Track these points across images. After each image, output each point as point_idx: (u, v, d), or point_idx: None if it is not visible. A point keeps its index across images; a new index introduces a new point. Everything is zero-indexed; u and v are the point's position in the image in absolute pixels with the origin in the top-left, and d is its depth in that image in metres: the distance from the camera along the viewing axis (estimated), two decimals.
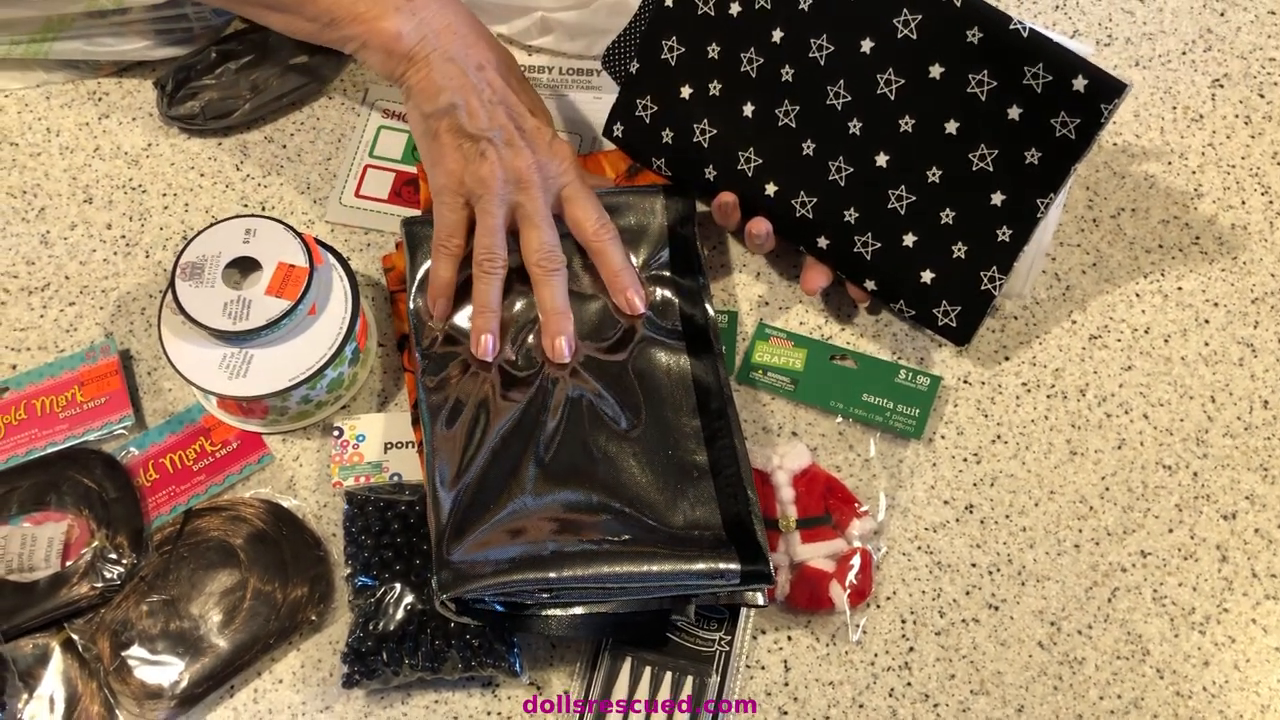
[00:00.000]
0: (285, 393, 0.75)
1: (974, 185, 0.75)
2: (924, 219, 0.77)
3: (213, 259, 0.76)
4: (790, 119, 0.78)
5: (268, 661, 0.74)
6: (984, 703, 0.74)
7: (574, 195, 0.78)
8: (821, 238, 0.79)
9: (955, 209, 0.76)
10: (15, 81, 0.93)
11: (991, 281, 0.76)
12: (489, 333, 0.76)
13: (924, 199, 0.76)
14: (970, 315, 0.78)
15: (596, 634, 0.73)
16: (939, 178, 0.76)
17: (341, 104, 0.92)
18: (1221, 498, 0.79)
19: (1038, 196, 0.74)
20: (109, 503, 0.76)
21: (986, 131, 0.74)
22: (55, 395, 0.81)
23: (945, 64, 0.74)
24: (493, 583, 0.67)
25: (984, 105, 0.74)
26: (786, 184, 0.79)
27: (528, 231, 0.77)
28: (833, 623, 0.76)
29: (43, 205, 0.88)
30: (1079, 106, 0.71)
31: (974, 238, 0.76)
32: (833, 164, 0.78)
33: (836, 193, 0.78)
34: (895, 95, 0.75)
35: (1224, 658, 0.75)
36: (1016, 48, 0.72)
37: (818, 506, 0.77)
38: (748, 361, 0.83)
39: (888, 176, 0.77)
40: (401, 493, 0.77)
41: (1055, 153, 0.73)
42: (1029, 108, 0.73)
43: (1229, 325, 0.85)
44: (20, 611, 0.73)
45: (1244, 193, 0.89)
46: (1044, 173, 0.74)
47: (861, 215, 0.77)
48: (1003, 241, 0.75)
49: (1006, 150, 0.74)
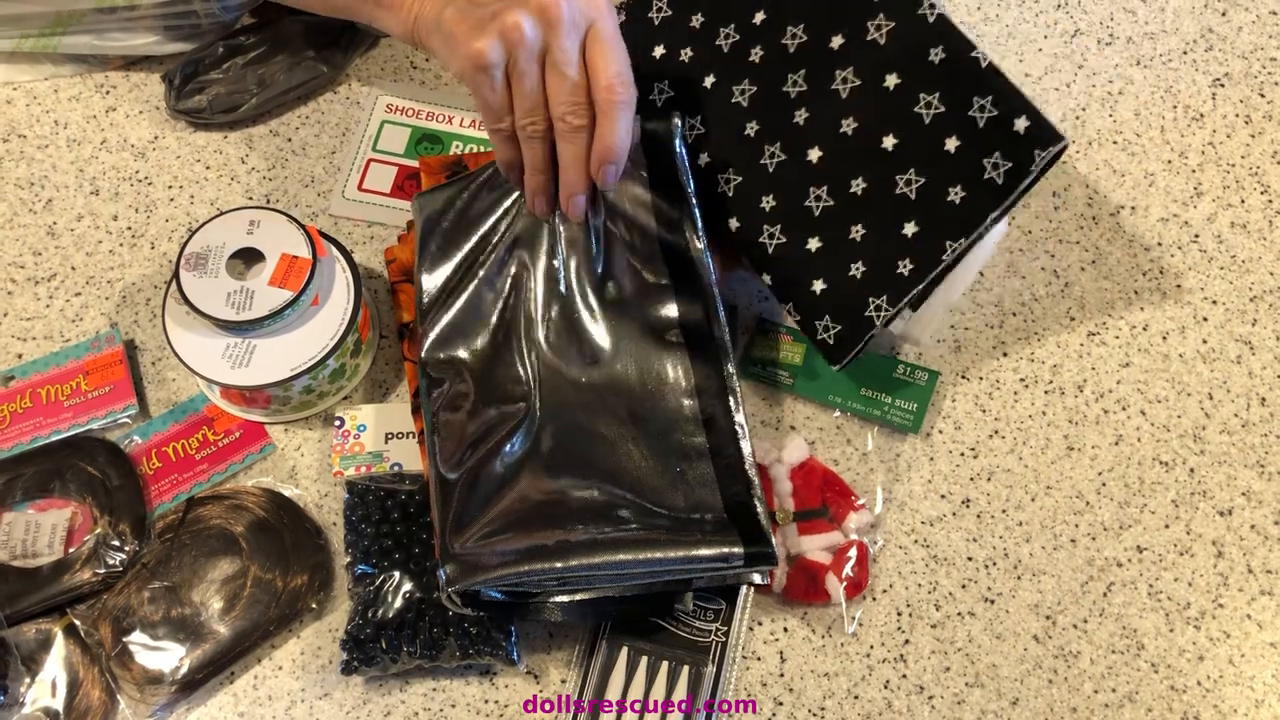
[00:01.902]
0: (287, 382, 0.76)
1: (892, 209, 0.74)
2: (834, 228, 0.75)
3: (217, 250, 0.77)
4: (744, 99, 0.78)
5: (268, 648, 0.75)
6: (979, 695, 0.74)
7: (599, 36, 0.71)
8: (734, 219, 0.78)
9: (867, 227, 0.74)
10: (24, 74, 0.94)
11: (877, 310, 0.74)
12: (542, 194, 0.75)
13: (840, 207, 0.75)
14: (848, 338, 0.75)
15: (601, 618, 0.73)
16: (861, 190, 0.74)
17: (347, 98, 0.93)
18: (1218, 494, 0.79)
19: (948, 238, 0.72)
20: (112, 490, 0.77)
21: (920, 156, 0.73)
22: (60, 384, 0.81)
23: (902, 77, 0.73)
24: (499, 575, 0.67)
25: (925, 128, 0.73)
26: (719, 159, 0.78)
27: (554, 81, 0.71)
28: (829, 615, 0.76)
29: (50, 197, 0.89)
30: (1013, 149, 0.70)
31: (875, 262, 0.74)
32: (769, 148, 0.77)
33: (763, 177, 0.77)
34: (847, 94, 0.75)
35: (1219, 652, 0.75)
36: (972, 75, 0.71)
37: (815, 499, 0.77)
38: (747, 355, 0.83)
39: (815, 173, 0.75)
40: (402, 482, 0.78)
41: (978, 196, 0.71)
42: (966, 141, 0.71)
43: (1227, 323, 0.85)
44: (23, 597, 0.74)
45: (1243, 191, 0.90)
46: (962, 215, 0.72)
47: (778, 205, 0.76)
48: (901, 274, 0.73)
49: (933, 181, 0.73)
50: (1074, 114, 0.92)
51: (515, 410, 0.75)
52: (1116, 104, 0.93)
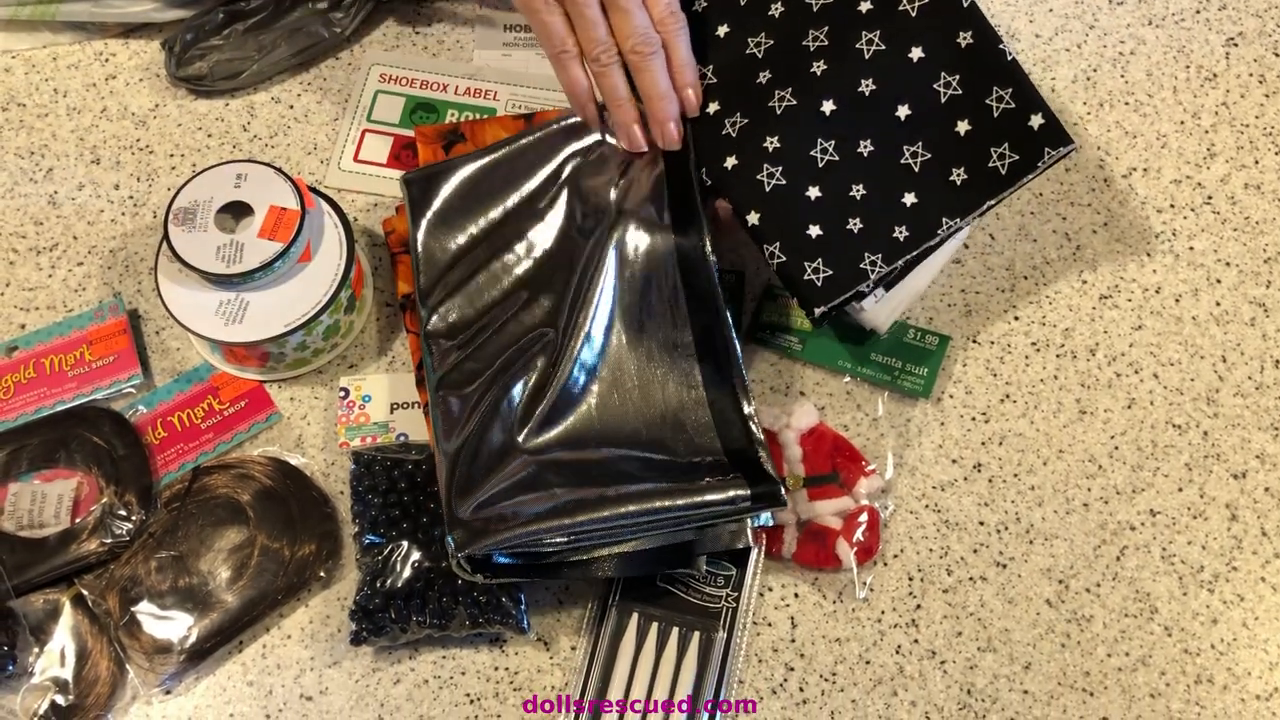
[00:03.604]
0: (281, 338, 0.75)
1: (895, 176, 0.74)
2: (835, 182, 0.75)
3: (204, 204, 0.76)
4: (758, 50, 0.77)
5: (276, 617, 0.75)
6: (991, 660, 0.74)
7: None
8: (732, 158, 0.76)
9: (868, 189, 0.74)
10: (22, 42, 0.93)
11: (872, 266, 0.74)
12: (634, 123, 0.77)
13: (845, 164, 0.75)
14: (838, 282, 0.74)
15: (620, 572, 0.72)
16: (868, 153, 0.75)
17: (349, 64, 0.92)
18: (1231, 457, 0.79)
19: (945, 215, 0.73)
20: (118, 460, 0.77)
21: (930, 131, 0.74)
22: (64, 354, 0.81)
23: (928, 52, 0.74)
24: (507, 536, 0.67)
25: (941, 106, 0.74)
26: (726, 105, 0.77)
27: (617, 17, 0.75)
28: (840, 580, 0.76)
29: (50, 166, 0.88)
30: (1023, 144, 0.72)
31: (873, 221, 0.74)
32: (779, 92, 0.76)
33: (769, 118, 0.76)
34: (870, 56, 0.75)
35: (1233, 615, 0.75)
36: (996, 65, 0.73)
37: (825, 465, 0.77)
38: (756, 321, 0.82)
39: (824, 125, 0.75)
40: (408, 452, 0.77)
41: (980, 181, 0.73)
42: (978, 127, 0.73)
43: (1241, 285, 0.84)
44: (31, 567, 0.74)
45: (1258, 152, 0.88)
46: (961, 196, 0.73)
47: (782, 148, 0.75)
48: (896, 238, 0.74)
49: (939, 158, 0.74)
50: (1085, 75, 0.91)
51: (515, 376, 0.74)
52: (1128, 64, 0.92)
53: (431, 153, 0.85)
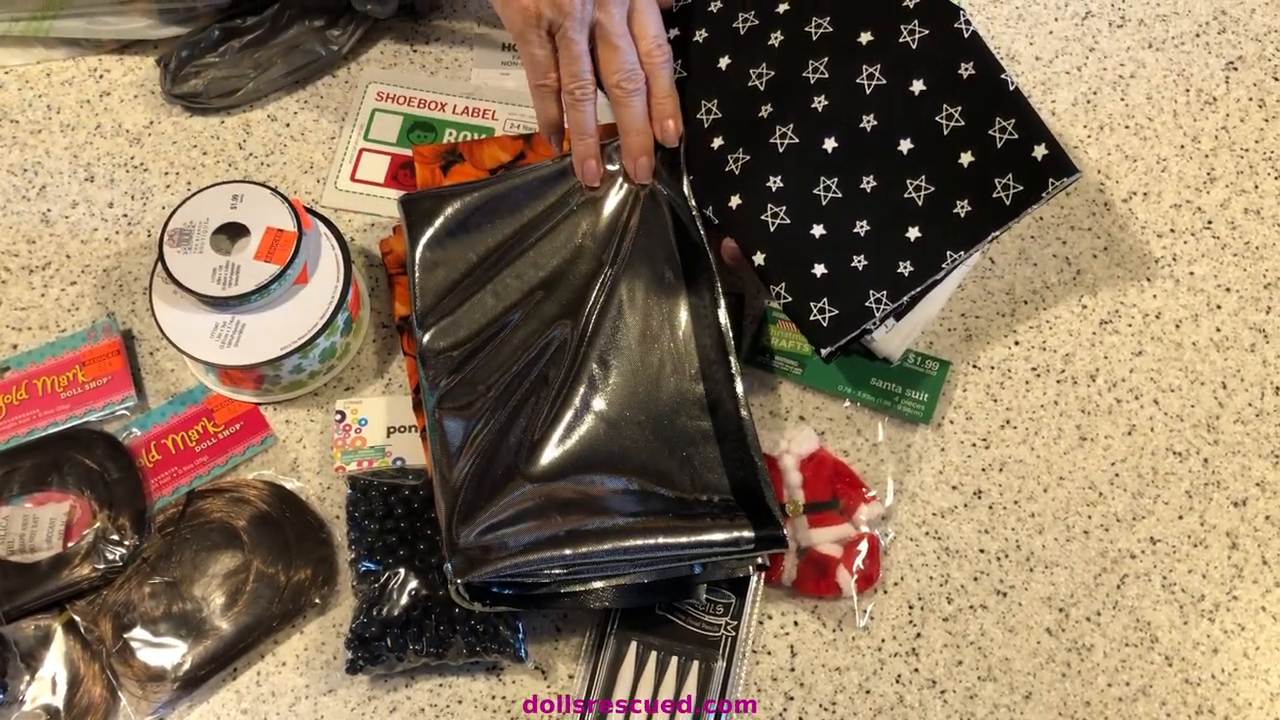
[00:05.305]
0: (277, 361, 0.75)
1: (898, 211, 0.74)
2: (839, 219, 0.75)
3: (200, 225, 0.76)
4: (760, 82, 0.77)
5: (271, 644, 0.74)
6: (991, 689, 0.73)
7: (642, 5, 0.77)
8: (736, 196, 0.76)
9: (872, 225, 0.74)
10: (15, 58, 0.92)
11: (877, 303, 0.73)
12: (591, 158, 0.78)
13: (848, 200, 0.75)
14: (845, 321, 0.74)
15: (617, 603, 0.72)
16: (870, 188, 0.75)
17: (346, 82, 0.91)
18: (1232, 484, 0.79)
19: (949, 249, 0.73)
20: (111, 484, 0.76)
21: (933, 166, 0.74)
22: (56, 375, 0.80)
23: (929, 84, 0.74)
24: (506, 565, 0.66)
25: (944, 139, 0.74)
26: (729, 141, 0.77)
27: (606, 52, 0.76)
28: (840, 608, 0.75)
29: (44, 183, 0.88)
30: (1028, 174, 0.72)
31: (877, 257, 0.74)
32: (780, 129, 0.76)
33: (772, 157, 0.76)
34: (871, 90, 0.75)
35: (1233, 645, 0.74)
36: (998, 95, 0.73)
37: (825, 491, 0.76)
38: (755, 344, 0.82)
39: (826, 163, 0.75)
40: (405, 477, 0.76)
41: (984, 212, 0.73)
42: (981, 159, 0.73)
43: (1241, 310, 0.84)
44: (22, 592, 0.73)
45: (1257, 176, 0.88)
46: (966, 228, 0.73)
47: (785, 187, 0.75)
48: (901, 274, 0.74)
49: (943, 191, 0.74)
50: (1085, 98, 0.91)
51: (520, 402, 0.74)
52: (1128, 87, 0.92)
53: (429, 173, 0.84)
